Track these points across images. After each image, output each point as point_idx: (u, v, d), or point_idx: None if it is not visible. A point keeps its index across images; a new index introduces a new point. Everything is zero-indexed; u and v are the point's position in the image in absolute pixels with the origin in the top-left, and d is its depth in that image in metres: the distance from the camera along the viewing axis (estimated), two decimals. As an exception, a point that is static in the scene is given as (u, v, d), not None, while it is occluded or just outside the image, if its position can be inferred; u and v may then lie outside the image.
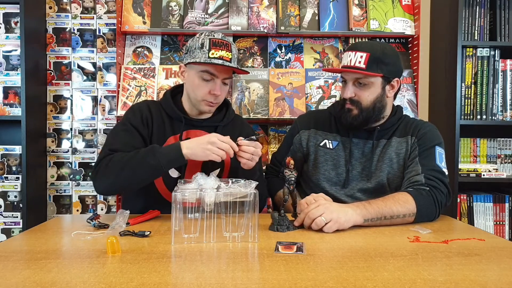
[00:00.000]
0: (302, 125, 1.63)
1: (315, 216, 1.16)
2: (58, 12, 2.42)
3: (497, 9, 2.31)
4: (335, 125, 1.57)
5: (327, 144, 1.55)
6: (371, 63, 1.40)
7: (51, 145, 2.41)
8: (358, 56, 1.41)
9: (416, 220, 1.29)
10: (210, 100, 1.44)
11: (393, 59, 1.46)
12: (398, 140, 1.50)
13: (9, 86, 2.26)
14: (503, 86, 2.30)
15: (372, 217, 1.23)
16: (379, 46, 1.45)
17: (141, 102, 1.56)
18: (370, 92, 1.44)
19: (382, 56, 1.42)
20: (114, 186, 1.34)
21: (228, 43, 1.42)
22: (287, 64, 2.41)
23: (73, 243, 1.07)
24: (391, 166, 1.47)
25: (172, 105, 1.48)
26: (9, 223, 2.24)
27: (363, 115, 1.45)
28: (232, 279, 0.80)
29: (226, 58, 1.40)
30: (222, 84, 1.44)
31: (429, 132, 1.49)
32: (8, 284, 0.77)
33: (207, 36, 1.40)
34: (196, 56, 1.40)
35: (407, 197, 1.29)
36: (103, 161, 1.34)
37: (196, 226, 1.06)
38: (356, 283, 0.78)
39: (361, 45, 1.45)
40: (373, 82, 1.43)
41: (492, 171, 2.22)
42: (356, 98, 1.45)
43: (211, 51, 1.38)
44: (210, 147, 1.24)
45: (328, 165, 1.53)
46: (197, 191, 1.08)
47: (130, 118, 1.46)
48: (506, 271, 0.86)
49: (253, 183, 1.10)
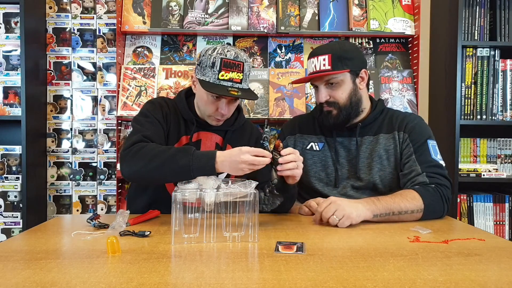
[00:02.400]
0: (287, 132, 1.65)
1: (328, 216, 1.23)
2: (58, 12, 2.42)
3: (497, 9, 2.31)
4: (319, 127, 1.59)
5: (314, 147, 1.57)
6: (335, 61, 1.43)
7: (51, 145, 2.41)
8: (321, 60, 1.45)
9: (424, 216, 1.32)
10: (217, 117, 1.43)
11: (354, 52, 1.50)
12: (385, 136, 1.51)
13: (9, 86, 2.26)
14: (503, 86, 2.30)
15: (381, 212, 1.28)
16: (337, 44, 1.51)
17: (159, 98, 1.55)
18: (343, 89, 1.46)
19: (343, 52, 1.45)
20: (139, 174, 1.29)
21: (240, 63, 1.35)
22: (287, 64, 2.41)
23: (73, 243, 1.07)
24: (381, 163, 1.48)
25: (186, 107, 1.48)
26: (9, 223, 2.24)
27: (343, 113, 1.47)
28: (232, 279, 0.80)
29: (237, 79, 1.35)
30: (230, 102, 1.42)
31: (417, 126, 1.50)
32: (8, 284, 0.77)
33: (219, 55, 1.34)
34: (206, 74, 1.36)
35: (414, 194, 1.33)
36: (137, 145, 1.29)
37: (196, 226, 1.07)
38: (356, 283, 0.78)
39: (321, 49, 1.49)
40: (343, 79, 1.46)
41: (492, 171, 2.22)
42: (331, 100, 1.47)
43: (221, 72, 1.33)
44: (243, 166, 1.18)
45: (317, 166, 1.55)
46: (197, 191, 1.08)
47: (152, 112, 1.45)
48: (506, 271, 0.86)
49: (253, 183, 1.10)
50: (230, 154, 1.20)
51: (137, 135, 1.33)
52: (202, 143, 1.48)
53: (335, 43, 1.51)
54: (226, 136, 1.50)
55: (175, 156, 1.23)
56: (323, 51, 1.46)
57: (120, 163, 1.32)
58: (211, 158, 1.20)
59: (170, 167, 1.23)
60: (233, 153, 1.19)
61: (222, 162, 1.19)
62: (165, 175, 1.25)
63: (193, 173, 1.20)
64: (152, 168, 1.25)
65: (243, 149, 1.18)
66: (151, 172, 1.26)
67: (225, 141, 1.50)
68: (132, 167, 1.28)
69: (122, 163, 1.31)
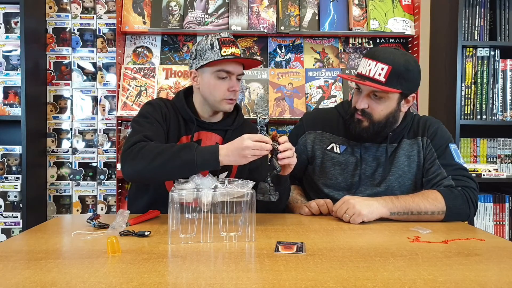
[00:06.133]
0: (308, 126, 1.56)
1: (340, 215, 1.28)
2: (58, 12, 2.42)
3: (497, 9, 2.31)
4: (343, 127, 1.50)
5: (335, 148, 1.49)
6: (392, 77, 1.31)
7: (51, 145, 2.41)
8: (379, 68, 1.32)
9: (447, 218, 1.30)
10: (230, 97, 1.45)
11: (415, 75, 1.37)
12: (408, 142, 1.47)
13: (9, 86, 2.26)
14: (503, 86, 2.30)
15: (398, 211, 1.28)
16: (402, 59, 1.34)
17: (158, 99, 1.55)
18: (384, 106, 1.36)
19: (404, 71, 1.33)
20: (142, 173, 1.29)
21: (234, 40, 1.45)
22: (287, 64, 2.41)
23: (73, 243, 1.07)
24: (401, 169, 1.45)
25: (185, 106, 1.49)
26: (9, 223, 2.24)
27: (374, 128, 1.39)
28: (232, 279, 0.80)
29: (237, 54, 1.43)
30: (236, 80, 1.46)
31: (439, 130, 1.48)
32: (8, 284, 0.77)
33: (214, 37, 1.43)
34: (209, 57, 1.41)
35: (437, 195, 1.31)
36: (138, 145, 1.29)
37: (193, 226, 1.06)
38: (356, 283, 0.78)
39: (384, 56, 1.33)
40: (390, 96, 1.35)
41: (492, 171, 2.22)
42: (368, 110, 1.37)
43: (223, 49, 1.40)
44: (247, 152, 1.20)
45: (336, 169, 1.48)
46: (194, 191, 1.08)
47: (152, 112, 1.45)
48: (506, 271, 0.86)
49: (250, 183, 1.10)
50: (231, 144, 1.23)
51: (138, 135, 1.33)
52: (202, 143, 1.48)
53: (401, 56, 1.34)
54: (226, 136, 1.51)
55: (179, 153, 1.24)
56: (386, 60, 1.32)
57: (122, 164, 1.32)
58: (214, 153, 1.22)
59: (174, 164, 1.24)
60: (234, 143, 1.22)
61: (226, 155, 1.21)
62: (170, 172, 1.26)
63: (199, 167, 1.21)
64: (156, 166, 1.25)
65: (244, 136, 1.21)
66: (154, 171, 1.26)
67: (225, 141, 1.50)
68: (135, 167, 1.28)
69: (123, 163, 1.31)
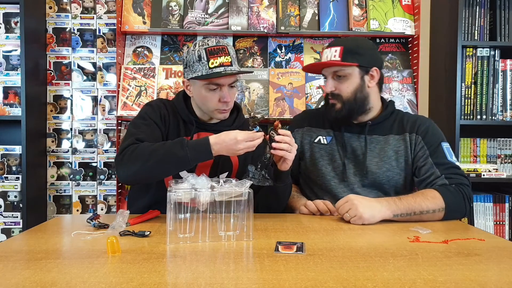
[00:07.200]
0: (296, 124, 1.67)
1: (342, 213, 1.29)
2: (58, 12, 2.42)
3: (497, 9, 2.30)
4: (328, 121, 1.60)
5: (321, 140, 1.59)
6: (346, 54, 1.45)
7: (51, 145, 2.41)
8: (333, 51, 1.48)
9: (446, 216, 1.33)
10: (222, 108, 1.43)
11: (367, 49, 1.51)
12: (396, 138, 1.52)
13: (9, 86, 2.26)
14: (503, 86, 2.30)
15: (402, 212, 1.29)
16: (352, 39, 1.56)
17: (157, 100, 1.56)
18: (348, 83, 1.48)
19: (355, 47, 1.48)
20: (137, 175, 1.31)
21: (224, 47, 1.39)
22: (287, 64, 2.41)
23: (73, 243, 1.07)
24: (389, 163, 1.50)
25: (184, 108, 1.49)
26: (9, 223, 2.24)
27: (345, 108, 1.48)
28: (232, 279, 0.80)
29: (226, 63, 1.37)
30: (229, 89, 1.42)
31: (430, 129, 1.52)
32: (8, 284, 0.77)
33: (201, 47, 1.38)
34: (197, 69, 1.38)
35: (435, 193, 1.34)
36: (130, 148, 1.30)
37: (192, 225, 1.06)
38: (356, 283, 0.78)
39: (336, 41, 1.52)
40: (350, 73, 1.47)
41: (492, 171, 2.22)
42: (336, 92, 1.49)
43: (210, 60, 1.36)
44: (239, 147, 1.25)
45: (324, 160, 1.56)
46: (191, 191, 1.08)
47: (150, 114, 1.45)
48: (506, 271, 0.86)
49: (247, 182, 1.10)
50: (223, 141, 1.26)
51: (130, 139, 1.35)
52: None
53: (351, 38, 1.56)
54: None
55: (171, 150, 1.26)
56: (337, 43, 1.49)
57: (116, 169, 1.34)
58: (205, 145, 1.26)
59: (168, 161, 1.27)
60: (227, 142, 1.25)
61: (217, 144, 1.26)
62: (163, 170, 1.30)
63: (192, 161, 1.27)
64: (150, 166, 1.27)
65: (238, 138, 1.24)
66: (150, 170, 1.28)
67: None
68: (130, 170, 1.30)
69: (118, 168, 1.33)
